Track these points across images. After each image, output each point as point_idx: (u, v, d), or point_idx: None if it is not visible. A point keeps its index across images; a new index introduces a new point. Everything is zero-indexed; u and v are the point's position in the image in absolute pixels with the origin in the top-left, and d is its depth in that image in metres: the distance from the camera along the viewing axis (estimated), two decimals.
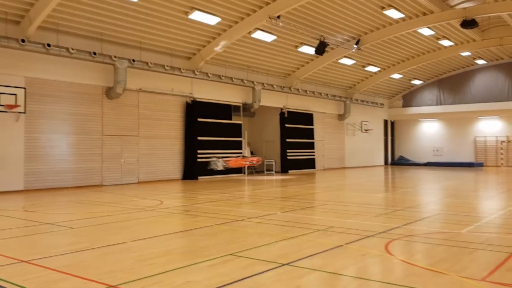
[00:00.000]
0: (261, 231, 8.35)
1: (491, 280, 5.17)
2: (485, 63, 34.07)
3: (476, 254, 6.48)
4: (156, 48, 20.52)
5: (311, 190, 17.24)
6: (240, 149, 24.98)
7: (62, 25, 17.06)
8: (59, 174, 17.35)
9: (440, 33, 25.94)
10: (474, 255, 6.42)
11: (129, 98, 19.72)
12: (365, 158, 36.10)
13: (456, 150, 36.65)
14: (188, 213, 11.18)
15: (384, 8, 21.47)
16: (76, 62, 17.76)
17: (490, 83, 34.32)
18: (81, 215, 10.73)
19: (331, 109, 32.35)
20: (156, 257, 6.37)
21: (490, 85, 34.29)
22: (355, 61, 28.25)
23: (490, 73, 34.41)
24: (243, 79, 24.40)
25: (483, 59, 33.11)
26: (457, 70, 35.69)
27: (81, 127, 18.11)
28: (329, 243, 7.10)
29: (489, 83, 34.39)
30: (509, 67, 33.44)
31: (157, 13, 17.98)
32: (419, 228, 8.66)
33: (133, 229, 8.77)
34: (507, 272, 5.50)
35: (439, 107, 36.73)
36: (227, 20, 19.83)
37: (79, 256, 6.48)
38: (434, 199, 14.36)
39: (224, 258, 6.20)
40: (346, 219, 9.83)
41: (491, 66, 34.25)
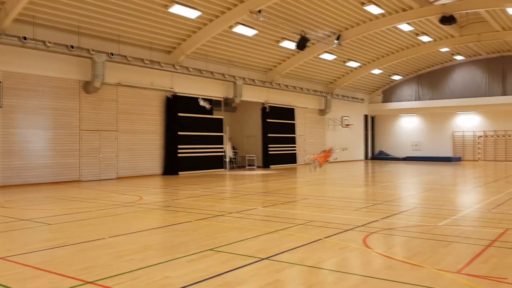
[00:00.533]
0: (241, 226, 8.34)
1: (466, 272, 5.26)
2: (464, 59, 34.65)
3: (452, 246, 6.60)
4: (135, 41, 20.25)
5: (292, 185, 17.30)
6: (222, 144, 24.91)
7: (39, 18, 16.69)
8: (36, 169, 17.03)
9: (419, 29, 26.25)
10: (450, 247, 6.53)
11: (107, 92, 19.44)
12: (346, 152, 36.29)
13: (435, 144, 37.27)
14: (168, 208, 11.11)
15: (364, 4, 21.60)
16: (53, 56, 17.41)
17: (468, 78, 34.92)
18: (58, 211, 10.55)
19: (312, 104, 32.49)
20: (134, 253, 6.30)
21: (468, 81, 34.89)
22: (336, 56, 28.39)
23: (468, 68, 35.00)
24: (224, 73, 24.29)
25: (461, 55, 33.67)
26: (436, 66, 36.22)
27: (58, 122, 17.79)
28: (308, 237, 7.14)
29: (467, 79, 34.99)
30: (486, 63, 34.07)
31: (136, 6, 17.72)
32: (397, 222, 8.77)
33: (111, 225, 8.67)
34: (482, 264, 5.61)
35: (418, 102, 37.24)
36: (208, 14, 19.68)
37: (56, 253, 6.38)
38: (413, 193, 14.57)
39: (203, 253, 6.18)
40: (326, 213, 9.90)
41: (469, 62, 34.84)
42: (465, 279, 5.00)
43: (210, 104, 21.29)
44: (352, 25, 24.22)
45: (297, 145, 30.69)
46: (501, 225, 8.25)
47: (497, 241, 6.86)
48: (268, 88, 27.88)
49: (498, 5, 21.31)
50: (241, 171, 25.44)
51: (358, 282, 4.95)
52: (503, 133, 34.42)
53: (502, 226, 8.06)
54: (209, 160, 24.07)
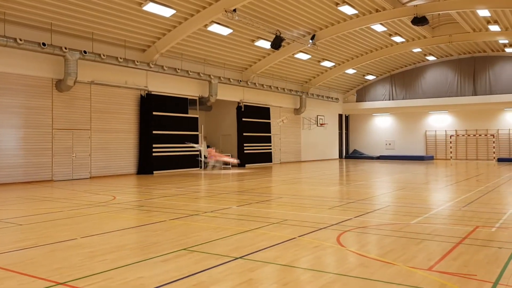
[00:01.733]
0: (215, 225, 8.33)
1: (437, 269, 5.39)
2: (435, 59, 35.45)
3: (424, 244, 6.74)
4: (109, 39, 19.94)
5: (267, 184, 17.36)
6: (197, 143, 24.78)
7: (9, 14, 16.26)
8: (7, 169, 16.60)
9: (392, 30, 26.71)
10: (421, 245, 6.67)
11: (80, 90, 19.09)
12: (321, 151, 36.76)
13: (408, 143, 38.00)
14: (141, 208, 10.99)
15: (338, 4, 21.83)
16: (25, 53, 17.00)
17: (440, 79, 35.73)
18: (29, 211, 10.32)
19: (287, 103, 32.66)
20: (107, 253, 6.22)
21: (440, 81, 35.70)
22: (311, 56, 28.62)
23: (440, 69, 35.81)
24: (199, 72, 24.17)
25: (433, 56, 34.43)
26: (408, 66, 36.92)
27: (30, 120, 17.38)
28: (283, 236, 7.18)
29: (439, 79, 35.79)
30: (458, 64, 34.94)
31: (110, 3, 17.46)
32: (371, 220, 8.91)
33: (84, 225, 8.53)
34: (453, 261, 5.76)
35: (391, 102, 37.88)
36: (183, 12, 19.55)
37: (27, 253, 6.24)
38: (386, 192, 14.82)
39: (177, 253, 6.15)
40: (300, 212, 9.97)
41: (441, 62, 35.65)
42: (436, 276, 5.13)
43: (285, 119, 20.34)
44: (327, 25, 24.45)
45: (273, 144, 30.79)
46: (472, 222, 8.48)
47: (467, 238, 7.05)
48: (244, 87, 27.90)
49: (469, 7, 21.87)
50: (217, 170, 25.36)
51: (332, 280, 5.02)
52: (474, 132, 35.36)
53: (472, 224, 8.29)
54: (184, 159, 23.91)
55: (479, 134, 35.11)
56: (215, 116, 29.24)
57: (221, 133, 29.20)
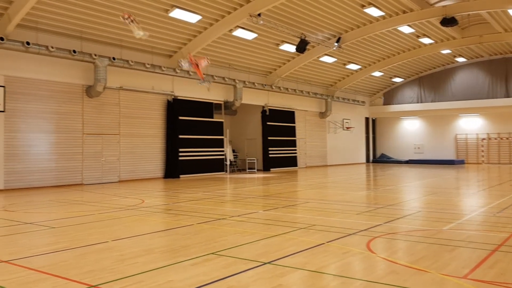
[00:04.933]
0: (242, 229, 8.33)
1: (472, 277, 5.23)
2: (465, 61, 34.61)
3: (458, 251, 6.56)
4: (136, 46, 20.29)
5: (293, 188, 17.28)
6: (222, 147, 24.91)
7: (42, 23, 16.75)
8: (39, 173, 17.06)
9: (420, 31, 26.26)
10: (455, 252, 6.49)
11: (109, 96, 19.47)
12: (347, 155, 36.38)
13: (437, 147, 37.18)
14: (169, 212, 11.10)
15: (364, 6, 21.62)
16: (56, 61, 17.47)
17: (471, 80, 34.84)
18: (61, 214, 10.55)
19: (312, 107, 32.49)
20: (137, 256, 6.29)
21: (471, 83, 34.81)
22: (336, 59, 28.41)
23: (471, 70, 34.93)
24: (224, 77, 24.31)
25: (463, 57, 33.64)
26: (437, 68, 36.19)
27: (61, 125, 17.83)
28: (311, 241, 7.12)
29: (469, 81, 34.91)
30: (489, 65, 34.01)
31: (138, 10, 17.75)
32: (401, 226, 8.74)
33: (114, 228, 8.66)
34: (488, 269, 5.57)
35: (419, 104, 37.18)
36: (208, 18, 19.72)
37: (59, 256, 6.38)
38: (416, 197, 14.53)
39: (206, 257, 6.16)
40: (328, 217, 9.87)
41: (471, 63, 34.78)
42: (471, 285, 4.97)
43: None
44: (352, 27, 24.24)
45: (298, 148, 30.66)
46: (507, 229, 8.21)
47: (503, 245, 6.82)
48: (268, 91, 27.90)
49: (500, 6, 21.30)
50: (242, 174, 25.43)
51: (362, 287, 4.94)
52: (507, 135, 34.34)
53: (508, 231, 8.03)
54: (209, 163, 24.07)
55: None
56: (240, 120, 29.34)
57: (246, 137, 29.27)
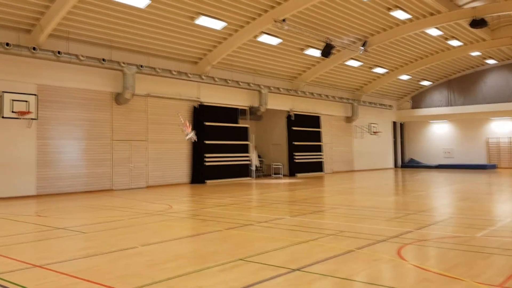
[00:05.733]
0: (270, 235, 8.31)
1: (509, 285, 5.07)
2: (496, 63, 33.74)
3: (492, 259, 6.38)
4: (163, 53, 20.60)
5: (319, 194, 17.16)
6: (247, 153, 24.98)
7: (72, 33, 17.21)
8: (70, 179, 17.47)
9: (448, 33, 25.77)
10: (489, 260, 6.31)
11: (137, 103, 19.82)
12: (374, 160, 35.89)
13: (468, 151, 36.25)
14: (197, 217, 11.18)
15: (390, 9, 21.38)
16: (86, 69, 17.91)
17: (502, 83, 33.94)
18: (92, 219, 10.77)
19: (338, 112, 32.24)
20: (166, 261, 6.36)
21: (502, 85, 33.89)
22: (362, 63, 28.15)
23: (502, 72, 34.04)
24: (249, 82, 24.41)
25: (493, 59, 32.81)
26: (467, 70, 35.41)
27: (91, 132, 18.23)
28: (339, 248, 7.04)
29: (500, 83, 34.01)
30: None
31: (164, 19, 18.07)
32: (432, 232, 8.55)
33: (143, 233, 8.78)
34: None
35: (449, 108, 36.41)
36: (233, 24, 19.87)
37: (91, 261, 6.50)
38: (447, 202, 14.22)
39: (234, 263, 6.17)
40: (356, 223, 9.75)
41: (502, 65, 33.89)
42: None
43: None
44: (378, 31, 23.99)
45: (324, 153, 30.44)
46: None
47: None
48: (293, 96, 27.85)
49: None
50: (267, 179, 25.41)
51: None
52: None
53: None
54: (235, 169, 24.16)
55: None
56: (265, 126, 29.36)
57: (271, 142, 29.25)
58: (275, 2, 18.88)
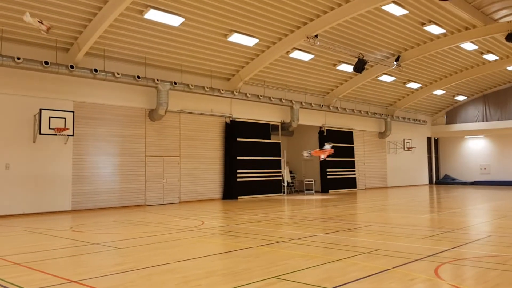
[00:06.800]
0: (303, 253, 8.22)
1: None
2: None
3: None
4: (196, 70, 20.97)
5: (353, 211, 16.90)
6: (279, 169, 24.92)
7: (108, 51, 17.76)
8: (104, 194, 17.84)
9: (484, 48, 25.20)
10: None
11: (170, 119, 20.16)
12: (408, 177, 35.15)
13: (505, 168, 35.06)
14: (229, 233, 11.18)
15: (424, 24, 21.11)
16: (121, 86, 18.41)
17: None
18: (126, 235, 10.93)
19: (371, 127, 31.85)
20: (200, 278, 6.37)
21: None
22: (395, 78, 27.81)
23: None
24: (281, 98, 24.48)
25: None
26: (503, 85, 34.45)
27: (125, 148, 18.64)
28: (375, 267, 6.89)
29: None
30: None
31: (198, 36, 18.42)
32: (470, 251, 8.28)
33: (176, 249, 8.84)
34: None
35: (485, 123, 35.41)
36: (265, 41, 20.06)
37: (126, 277, 6.57)
38: (484, 220, 13.74)
39: (268, 281, 6.12)
40: (391, 241, 9.53)
41: None
42: None
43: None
44: (412, 45, 23.71)
45: (357, 169, 30.04)
46: None
47: None
48: (325, 111, 27.73)
49: None
50: (299, 195, 25.23)
51: None
52: None
53: None
54: (267, 185, 24.12)
55: None
56: (297, 141, 29.26)
57: (303, 158, 29.05)
58: (307, 19, 18.98)
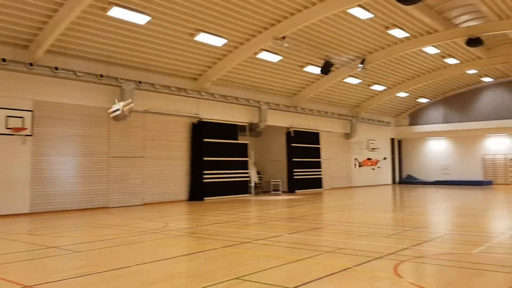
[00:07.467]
0: (267, 253, 8.22)
1: None
2: (492, 81, 33.98)
3: (489, 276, 6.33)
4: (162, 69, 20.69)
5: (318, 210, 17.07)
6: (247, 169, 24.91)
7: (70, 49, 17.27)
8: (65, 196, 17.32)
9: (445, 52, 25.98)
10: (486, 277, 6.26)
11: (135, 119, 19.79)
12: (372, 177, 35.81)
13: (465, 168, 36.31)
14: (193, 235, 11.08)
15: (388, 28, 21.57)
16: (83, 85, 17.93)
17: (497, 100, 34.16)
18: (86, 238, 10.66)
19: (337, 128, 32.30)
20: (161, 281, 6.27)
21: (497, 103, 34.11)
22: (361, 80, 28.31)
23: (497, 90, 34.30)
24: (249, 99, 24.48)
25: (489, 77, 33.05)
26: (463, 88, 35.62)
27: (87, 149, 18.16)
28: (337, 266, 6.97)
29: (496, 101, 34.23)
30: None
31: (164, 35, 18.17)
32: (429, 249, 8.50)
33: (138, 252, 8.68)
34: None
35: (446, 125, 36.55)
36: (233, 41, 20.00)
37: (85, 281, 6.40)
38: (443, 219, 14.15)
39: (230, 282, 6.09)
40: (354, 240, 9.68)
41: (498, 83, 34.14)
42: None
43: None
44: (377, 49, 24.19)
45: (323, 169, 30.40)
46: None
47: None
48: (293, 112, 27.93)
49: None
50: (266, 196, 25.31)
51: None
52: None
53: None
54: (234, 185, 24.06)
55: None
56: (265, 142, 29.34)
57: (270, 158, 29.21)
58: (275, 20, 19.05)
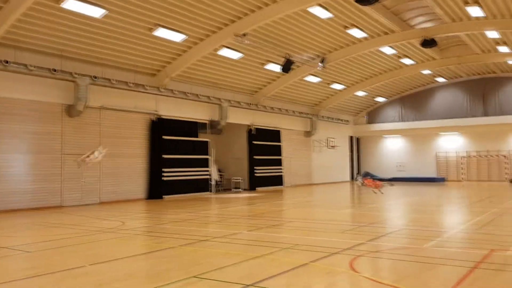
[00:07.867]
0: (225, 251, 8.19)
1: None
2: (445, 81, 35.32)
3: (438, 269, 6.55)
4: (119, 64, 20.18)
5: (278, 208, 17.18)
6: (207, 167, 24.74)
7: (21, 42, 16.56)
8: (16, 195, 16.59)
9: (401, 52, 26.75)
10: (436, 270, 6.48)
11: (90, 115, 19.21)
12: (332, 174, 36.47)
13: (419, 165, 37.57)
14: (151, 234, 10.89)
15: (347, 28, 21.96)
16: (35, 79, 17.20)
17: (450, 100, 35.56)
18: (38, 238, 10.27)
19: (298, 126, 32.62)
20: (116, 281, 6.12)
21: (450, 102, 35.52)
22: (321, 79, 28.70)
23: (450, 90, 35.70)
24: (209, 96, 24.31)
25: (443, 77, 34.33)
26: (418, 88, 36.82)
27: (40, 146, 17.46)
28: (294, 262, 7.02)
29: (449, 100, 35.63)
30: (467, 85, 34.82)
31: (121, 29, 17.72)
32: (384, 244, 8.71)
33: (93, 252, 8.44)
34: (468, 287, 5.56)
35: (401, 123, 37.69)
36: (193, 37, 19.78)
37: (35, 282, 6.16)
38: (398, 215, 14.56)
39: (188, 281, 6.02)
40: (311, 236, 9.80)
41: (450, 84, 35.53)
42: None
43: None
44: (336, 48, 24.57)
45: (284, 167, 30.64)
46: (487, 246, 8.25)
47: (482, 262, 6.82)
48: (254, 110, 27.96)
49: (478, 28, 21.87)
50: (227, 194, 25.24)
51: None
52: (486, 153, 34.91)
53: (487, 247, 8.06)
54: (194, 183, 23.82)
55: (491, 155, 34.66)
56: (226, 140, 29.24)
57: (232, 156, 29.14)
58: (235, 17, 18.98)
